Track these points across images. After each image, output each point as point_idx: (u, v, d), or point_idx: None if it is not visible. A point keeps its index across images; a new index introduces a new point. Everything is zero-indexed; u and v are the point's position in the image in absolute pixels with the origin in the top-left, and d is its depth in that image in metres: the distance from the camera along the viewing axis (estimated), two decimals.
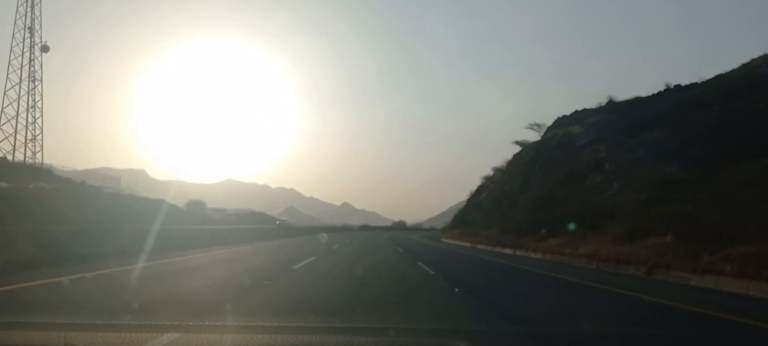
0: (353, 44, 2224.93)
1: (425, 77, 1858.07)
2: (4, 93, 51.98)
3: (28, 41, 52.83)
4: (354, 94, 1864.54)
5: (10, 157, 49.02)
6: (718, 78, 38.26)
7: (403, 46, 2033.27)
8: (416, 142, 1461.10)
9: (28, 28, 52.90)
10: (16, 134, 51.80)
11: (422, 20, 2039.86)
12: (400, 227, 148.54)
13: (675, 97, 38.72)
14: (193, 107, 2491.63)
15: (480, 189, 66.43)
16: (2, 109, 51.42)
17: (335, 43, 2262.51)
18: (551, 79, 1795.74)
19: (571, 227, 25.10)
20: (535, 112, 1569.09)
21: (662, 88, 44.05)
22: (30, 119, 52.93)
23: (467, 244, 39.67)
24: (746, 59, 39.79)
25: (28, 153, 52.34)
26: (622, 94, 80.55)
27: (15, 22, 52.70)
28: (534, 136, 55.75)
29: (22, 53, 52.52)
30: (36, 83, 53.17)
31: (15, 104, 51.98)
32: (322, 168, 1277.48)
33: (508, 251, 30.02)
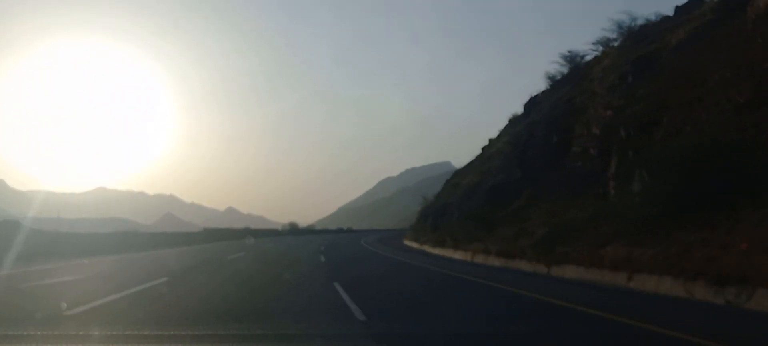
0: (239, 47, 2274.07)
1: (310, 80, 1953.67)
2: None
3: None
4: (236, 98, 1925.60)
5: None
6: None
7: (284, 49, 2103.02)
8: (303, 145, 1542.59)
9: None
10: None
11: (303, 22, 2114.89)
12: (308, 230, 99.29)
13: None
14: (61, 113, 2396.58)
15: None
16: None
17: (220, 47, 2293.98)
18: (428, 81, 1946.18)
19: None
20: (416, 112, 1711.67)
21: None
22: None
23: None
24: None
25: None
26: None
27: None
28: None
29: None
30: None
31: None
32: (204, 173, 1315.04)
33: None
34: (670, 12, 34.85)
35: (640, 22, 34.83)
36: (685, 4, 33.67)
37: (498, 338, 6.77)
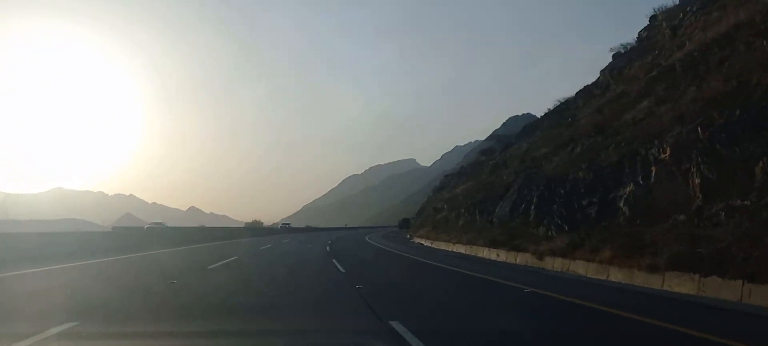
0: (198, 44, 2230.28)
1: (272, 80, 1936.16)
2: None
3: None
4: (198, 96, 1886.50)
5: None
6: None
7: (245, 45, 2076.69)
8: (266, 142, 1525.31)
9: None
10: None
11: (263, 17, 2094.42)
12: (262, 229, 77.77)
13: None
14: (13, 110, 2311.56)
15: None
16: None
17: (179, 44, 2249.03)
18: (391, 78, 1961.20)
19: None
20: (379, 110, 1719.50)
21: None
22: None
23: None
24: None
25: None
26: None
27: None
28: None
29: None
30: None
31: None
32: (165, 172, 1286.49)
33: None
34: None
35: None
36: None
37: None
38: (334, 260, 19.79)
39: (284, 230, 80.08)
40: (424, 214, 70.77)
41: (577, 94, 44.92)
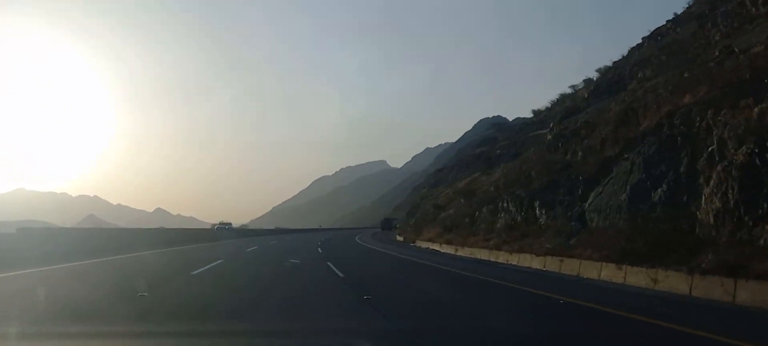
0: (168, 43, 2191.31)
1: (243, 82, 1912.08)
2: None
3: None
4: (164, 96, 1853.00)
5: None
6: None
7: (216, 46, 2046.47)
8: (235, 144, 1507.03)
9: None
10: None
11: (233, 19, 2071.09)
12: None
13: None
14: None
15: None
16: None
17: (148, 43, 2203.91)
18: (362, 81, 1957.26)
19: None
20: (350, 112, 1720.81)
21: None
22: None
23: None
24: None
25: None
26: None
27: None
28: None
29: None
30: None
31: None
32: (131, 173, 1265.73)
33: None
34: None
35: None
36: None
37: None
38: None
39: (223, 232, 51.74)
40: (418, 213, 65.25)
41: None
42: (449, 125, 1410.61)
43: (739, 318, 9.71)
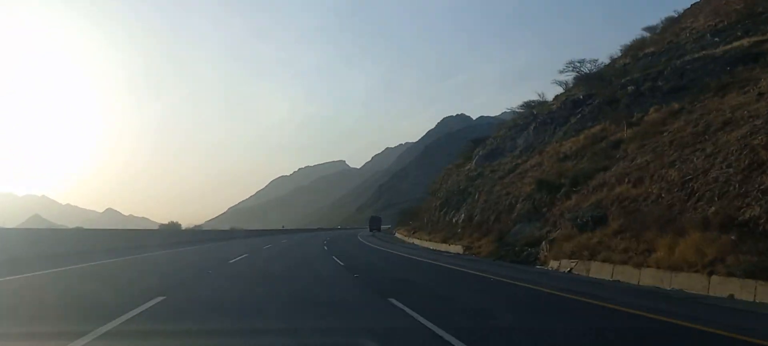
0: (118, 37, 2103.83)
1: (194, 79, 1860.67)
2: None
3: None
4: (116, 93, 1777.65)
5: None
6: None
7: (169, 43, 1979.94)
8: (190, 142, 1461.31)
9: None
10: None
11: (187, 17, 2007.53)
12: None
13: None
14: None
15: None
16: None
17: (99, 36, 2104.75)
18: (320, 80, 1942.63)
19: None
20: (308, 111, 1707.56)
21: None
22: None
23: None
24: None
25: None
26: None
27: None
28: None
29: None
30: None
31: None
32: (81, 173, 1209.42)
33: None
34: None
35: None
36: None
37: None
38: None
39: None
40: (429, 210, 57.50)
41: None
42: (409, 125, 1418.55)
43: None
